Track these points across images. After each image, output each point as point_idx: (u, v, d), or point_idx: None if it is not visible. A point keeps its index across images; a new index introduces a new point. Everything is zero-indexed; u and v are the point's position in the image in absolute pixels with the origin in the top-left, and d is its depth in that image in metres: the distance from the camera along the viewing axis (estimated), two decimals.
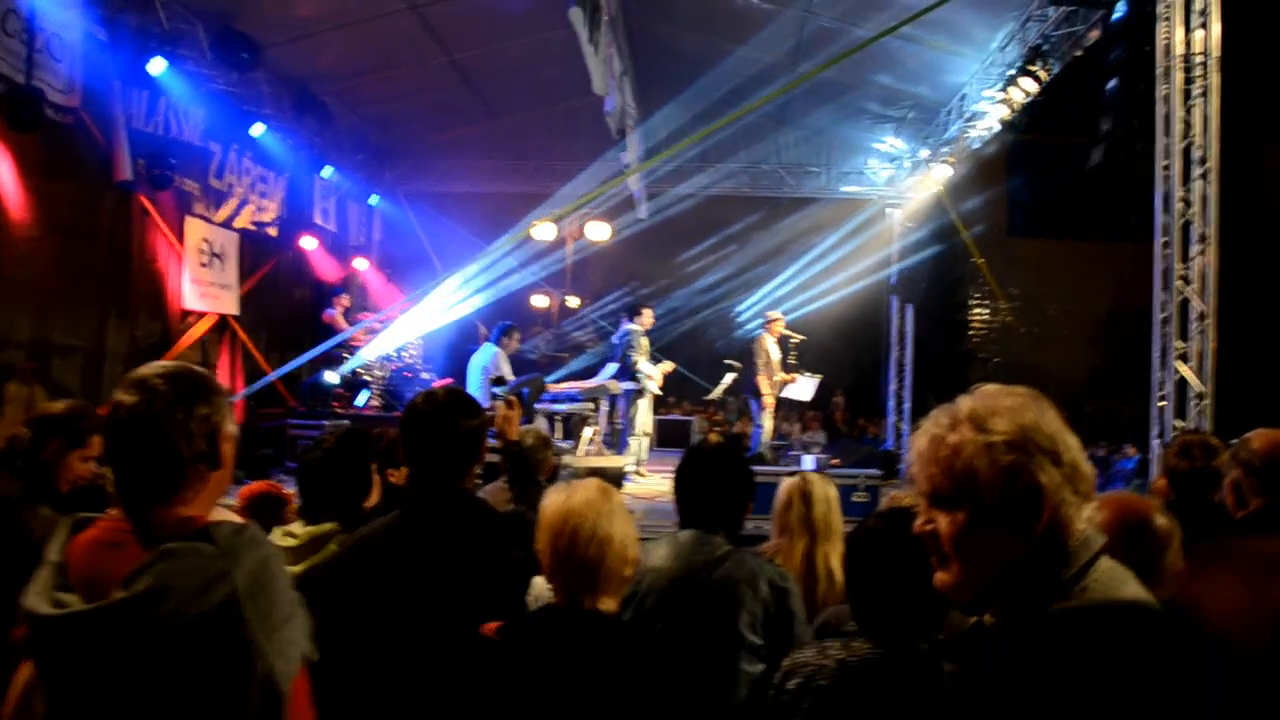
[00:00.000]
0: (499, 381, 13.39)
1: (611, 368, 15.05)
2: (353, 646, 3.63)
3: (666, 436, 18.53)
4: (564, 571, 3.35)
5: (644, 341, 14.85)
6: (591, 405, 14.46)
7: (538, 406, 14.01)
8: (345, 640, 3.64)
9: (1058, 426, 2.18)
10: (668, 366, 15.36)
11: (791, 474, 5.71)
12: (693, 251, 30.64)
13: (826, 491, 5.42)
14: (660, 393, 15.33)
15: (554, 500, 3.44)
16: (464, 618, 3.36)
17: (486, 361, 14.12)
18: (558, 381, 15.67)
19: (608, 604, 3.36)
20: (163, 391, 2.65)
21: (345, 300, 18.31)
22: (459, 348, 18.27)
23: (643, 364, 14.66)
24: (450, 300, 19.08)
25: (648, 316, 15.10)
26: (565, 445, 13.09)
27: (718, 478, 4.53)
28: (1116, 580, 2.15)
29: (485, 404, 10.97)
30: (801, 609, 4.35)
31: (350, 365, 17.36)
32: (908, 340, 22.26)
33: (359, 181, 21.16)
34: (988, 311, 36.13)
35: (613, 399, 15.39)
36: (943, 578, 2.24)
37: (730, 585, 4.24)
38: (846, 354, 27.84)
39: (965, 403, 2.26)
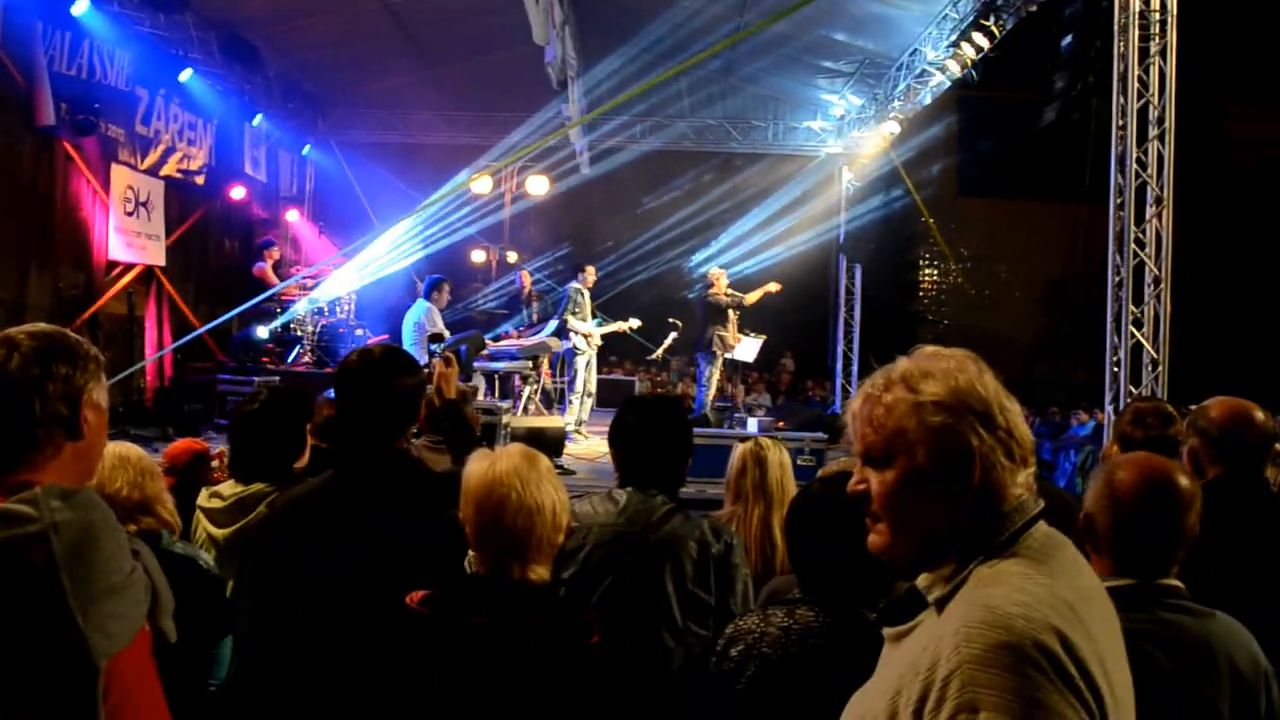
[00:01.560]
0: (436, 338, 13.32)
1: (553, 325, 15.14)
2: (282, 614, 3.62)
3: (609, 396, 18.56)
4: (490, 541, 3.25)
5: (585, 299, 14.94)
6: (531, 364, 14.46)
7: (476, 365, 14.01)
8: (275, 607, 3.66)
9: (994, 389, 2.19)
10: (628, 324, 15.64)
11: (741, 439, 5.75)
12: (637, 209, 30.60)
13: (780, 457, 5.49)
14: (593, 351, 15.40)
15: (477, 469, 3.30)
16: (400, 583, 3.27)
17: (419, 317, 13.99)
18: (496, 339, 15.74)
19: (538, 572, 3.26)
20: (25, 349, 2.55)
21: (276, 253, 18.17)
22: (395, 304, 18.21)
23: (575, 322, 14.82)
24: (385, 255, 19.02)
25: (590, 274, 15.25)
26: (504, 404, 13.04)
27: (655, 431, 4.44)
28: (1051, 546, 2.15)
29: (421, 361, 11.01)
30: (747, 567, 4.33)
31: (281, 320, 17.27)
32: (856, 300, 22.24)
33: (291, 130, 20.98)
34: (937, 272, 36.44)
35: (555, 357, 15.52)
36: (874, 539, 2.25)
37: (675, 541, 4.20)
38: (794, 314, 27.93)
39: (901, 364, 2.27)
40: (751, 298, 16.11)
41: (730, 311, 15.96)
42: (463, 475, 3.31)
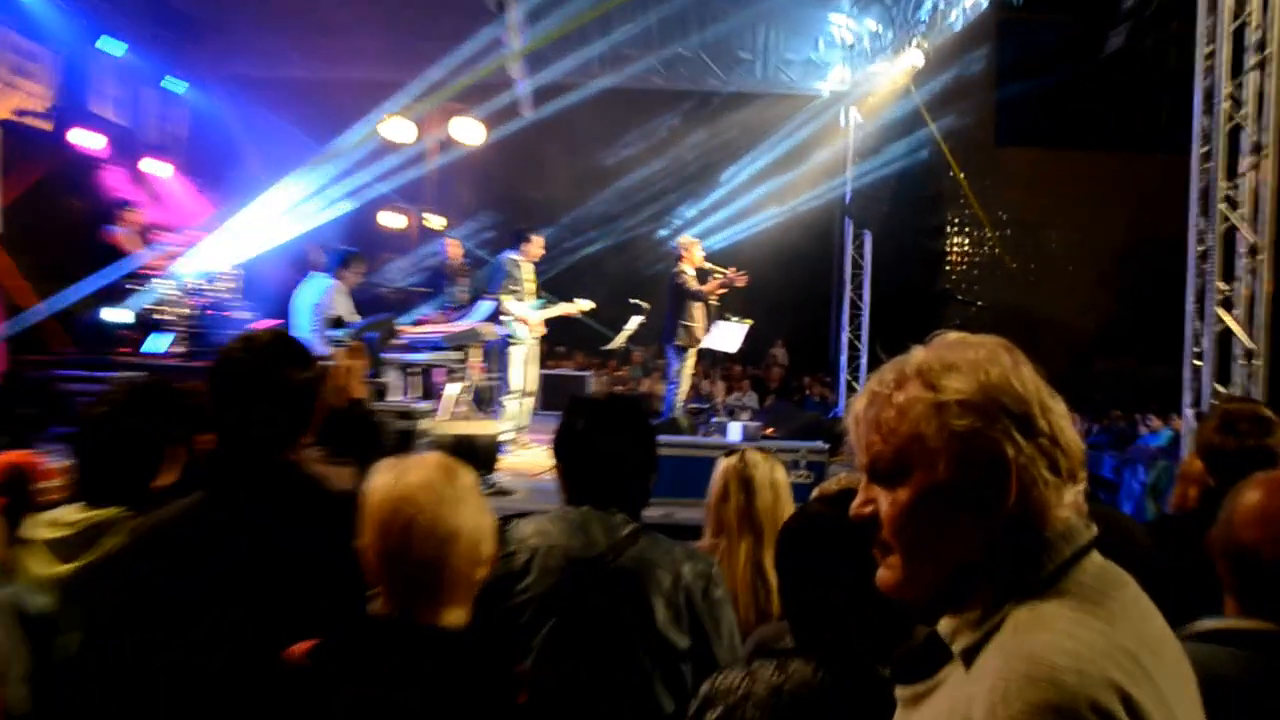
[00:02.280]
0: (337, 323, 13.30)
1: (486, 307, 15.06)
2: (138, 669, 3.57)
3: (554, 396, 18.24)
4: (395, 576, 3.25)
5: (527, 276, 14.92)
6: (459, 355, 14.44)
7: (388, 356, 13.92)
8: (129, 660, 3.59)
9: (1034, 386, 2.16)
10: (579, 306, 15.59)
11: (723, 450, 5.68)
12: (594, 163, 30.39)
13: (773, 475, 5.43)
14: (534, 340, 15.27)
15: (381, 484, 3.30)
16: (285, 631, 3.28)
17: (319, 297, 14.08)
18: (415, 323, 15.67)
19: (453, 615, 3.28)
20: None
21: (137, 215, 18.01)
22: (287, 280, 18.02)
23: (512, 303, 14.68)
24: (277, 218, 18.89)
25: (536, 245, 15.17)
26: (423, 406, 12.94)
27: (610, 438, 4.43)
28: (1108, 583, 2.13)
29: (319, 351, 10.89)
30: (730, 604, 4.33)
31: (143, 300, 17.11)
32: (865, 276, 21.93)
33: (159, 62, 20.83)
34: (969, 241, 36.44)
35: (488, 347, 15.36)
36: (884, 574, 2.23)
37: (643, 568, 4.20)
38: (787, 293, 28.06)
39: (917, 355, 2.25)
40: (707, 287, 16.19)
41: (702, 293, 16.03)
42: (363, 492, 3.30)
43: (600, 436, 4.43)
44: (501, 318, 14.74)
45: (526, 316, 14.91)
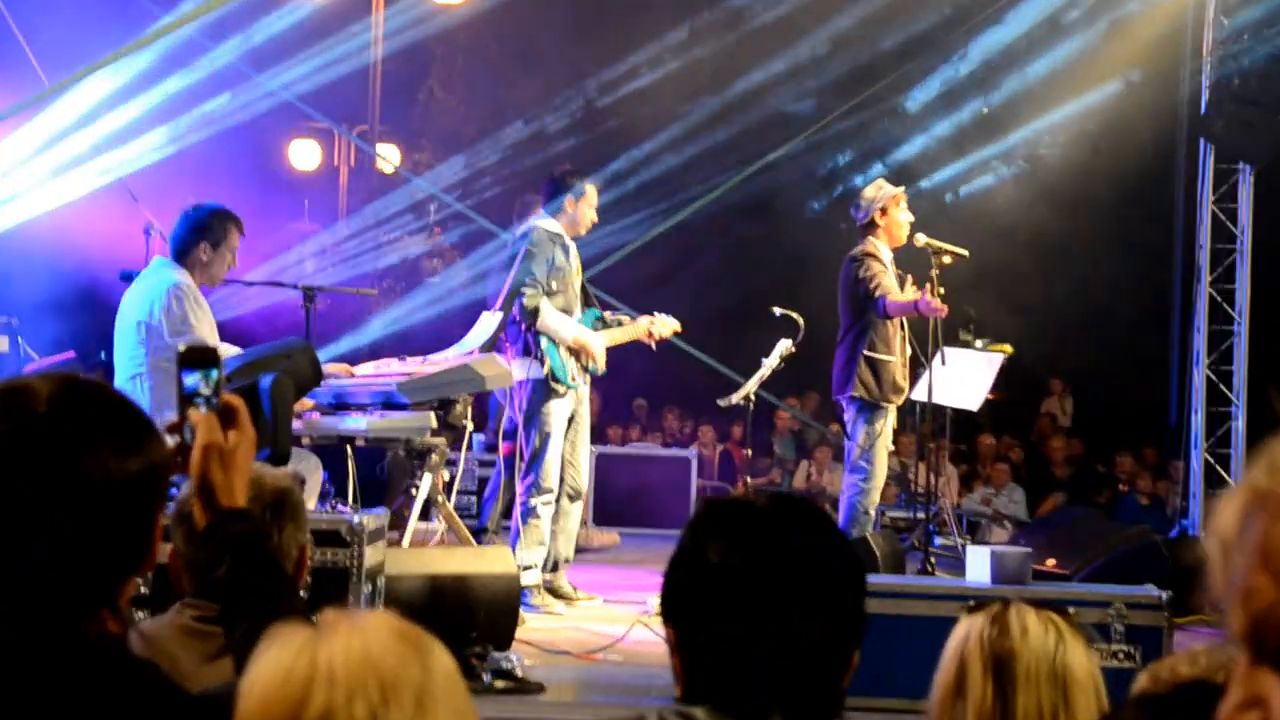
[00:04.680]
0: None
1: (488, 323, 10.23)
2: None
3: (624, 498, 14.46)
4: None
5: (570, 262, 10.31)
6: (437, 416, 9.35)
7: (301, 422, 9.13)
8: None
9: None
10: (667, 324, 10.73)
11: (967, 605, 3.89)
12: (673, 32, 20.25)
13: (1058, 652, 3.60)
14: (584, 383, 10.35)
15: (275, 673, 2.10)
16: None
17: (158, 299, 8.59)
18: (350, 360, 11.08)
19: None
20: None
21: None
22: (93, 277, 13.24)
23: (548, 312, 9.92)
24: (76, 153, 14.31)
25: (588, 202, 10.43)
26: (371, 517, 8.13)
27: (787, 589, 2.71)
28: None
29: (163, 413, 6.16)
30: None
31: None
32: (1241, 255, 13.91)
33: None
34: None
35: (494, 400, 11.69)
36: None
37: None
38: (1075, 288, 19.48)
39: None
40: (926, 300, 10.49)
41: (913, 288, 10.60)
42: (239, 689, 2.18)
43: (767, 588, 2.72)
44: (531, 338, 9.89)
45: (576, 339, 9.99)
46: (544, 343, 9.82)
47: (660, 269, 18.42)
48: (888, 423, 10.83)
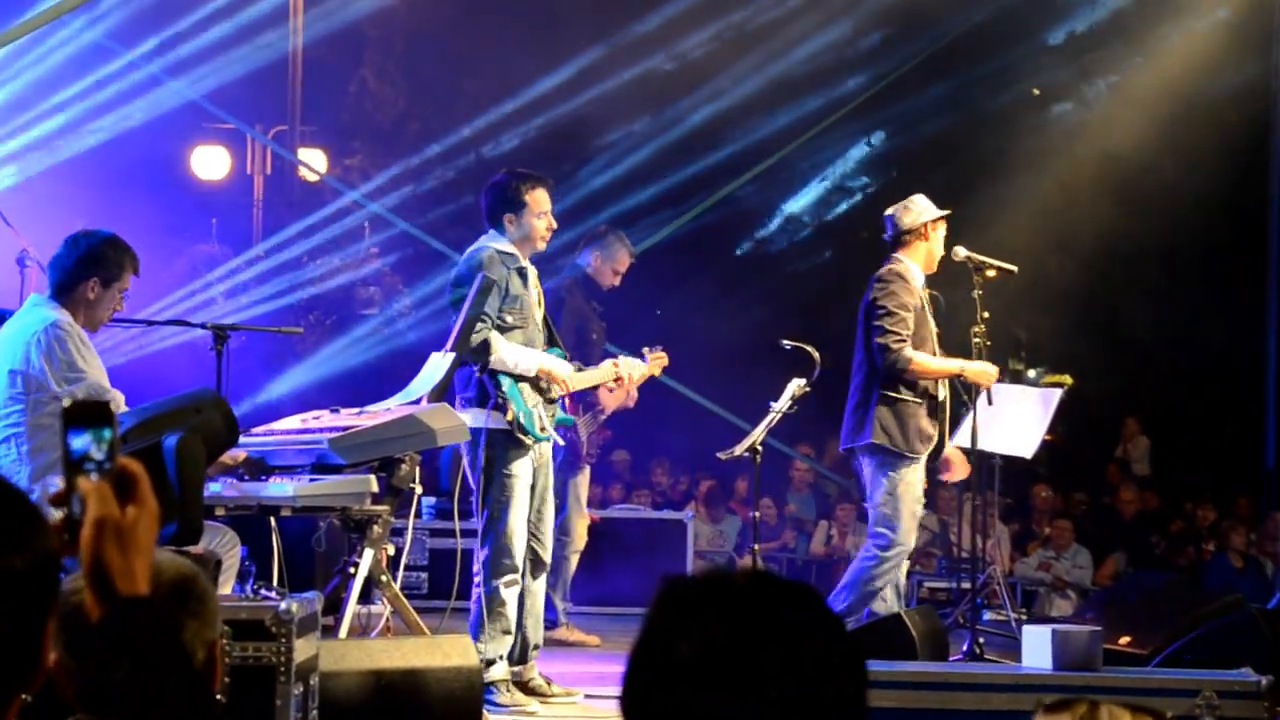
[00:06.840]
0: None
1: (437, 365, 9.00)
2: None
3: (606, 572, 13.20)
4: None
5: (523, 289, 8.99)
6: (386, 480, 8.42)
7: (214, 490, 8.06)
8: None
9: None
10: (654, 359, 9.75)
11: (1037, 703, 3.22)
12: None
13: None
14: (548, 437, 9.17)
15: None
16: None
17: (35, 343, 7.66)
18: (276, 416, 9.81)
19: None
20: None
21: None
22: None
23: (503, 347, 8.77)
24: None
25: (536, 205, 8.98)
26: (300, 601, 7.18)
27: (764, 686, 2.24)
28: None
29: (46, 482, 6.31)
30: None
31: None
32: None
33: None
34: None
35: (444, 457, 10.83)
36: None
37: None
38: (1148, 304, 17.70)
39: None
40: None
41: (951, 357, 9.94)
42: None
43: (738, 685, 2.27)
44: (490, 380, 8.74)
45: (541, 368, 8.82)
46: (505, 384, 8.71)
47: (641, 293, 15.20)
48: (916, 478, 9.67)
